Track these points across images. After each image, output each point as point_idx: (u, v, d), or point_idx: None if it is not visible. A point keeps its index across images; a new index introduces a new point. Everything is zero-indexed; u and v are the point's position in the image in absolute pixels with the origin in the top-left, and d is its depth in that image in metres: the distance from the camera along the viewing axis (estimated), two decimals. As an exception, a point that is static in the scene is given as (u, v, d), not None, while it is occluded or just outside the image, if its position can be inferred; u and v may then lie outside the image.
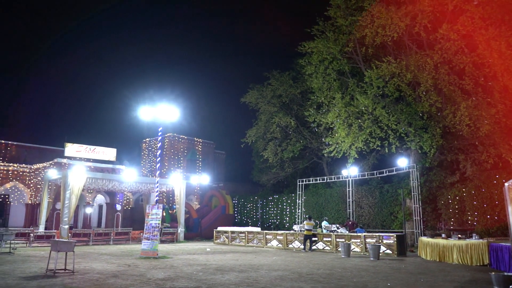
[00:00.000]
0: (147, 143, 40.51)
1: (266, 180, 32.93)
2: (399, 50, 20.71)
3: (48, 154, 35.90)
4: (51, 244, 10.59)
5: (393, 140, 19.92)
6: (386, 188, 23.51)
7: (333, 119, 21.30)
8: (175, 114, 18.04)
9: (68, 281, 9.12)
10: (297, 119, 28.96)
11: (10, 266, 11.57)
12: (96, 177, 24.47)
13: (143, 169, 39.38)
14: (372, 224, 23.62)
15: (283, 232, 21.53)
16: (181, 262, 13.43)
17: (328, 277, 10.25)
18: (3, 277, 9.46)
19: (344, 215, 24.90)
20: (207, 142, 41.30)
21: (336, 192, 26.41)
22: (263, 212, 32.51)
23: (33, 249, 18.06)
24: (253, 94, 29.96)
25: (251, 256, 16.05)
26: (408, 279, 10.15)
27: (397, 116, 19.18)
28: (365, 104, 19.56)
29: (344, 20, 20.33)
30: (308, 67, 22.58)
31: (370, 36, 19.27)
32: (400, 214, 21.73)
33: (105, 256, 15.22)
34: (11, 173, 30.81)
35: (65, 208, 21.91)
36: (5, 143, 34.38)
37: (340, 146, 21.43)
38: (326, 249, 19.00)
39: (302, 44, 22.32)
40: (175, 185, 27.47)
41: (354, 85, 20.61)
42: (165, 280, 9.42)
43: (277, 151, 29.36)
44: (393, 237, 16.95)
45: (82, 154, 32.21)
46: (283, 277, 10.25)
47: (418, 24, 18.09)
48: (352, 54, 21.76)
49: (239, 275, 10.41)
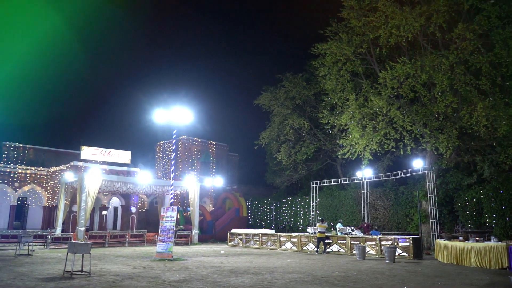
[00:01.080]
0: (161, 145, 40.82)
1: (279, 182, 32.88)
2: (414, 51, 20.50)
3: (64, 157, 36.43)
4: (68, 246, 10.73)
5: (408, 141, 19.70)
6: (402, 190, 23.26)
7: (347, 120, 21.16)
8: (189, 117, 18.15)
9: (85, 283, 9.23)
10: (311, 121, 28.87)
11: (29, 268, 11.77)
12: (111, 179, 24.75)
13: (157, 171, 39.68)
14: (387, 227, 23.38)
15: (297, 235, 21.45)
16: (196, 264, 13.48)
17: (343, 280, 10.17)
18: (22, 279, 9.62)
19: (359, 217, 24.70)
20: (221, 144, 41.43)
21: (351, 194, 26.22)
22: (277, 215, 32.44)
23: (50, 251, 18.33)
24: (266, 96, 29.98)
25: (265, 259, 16.03)
26: (425, 282, 10.01)
27: (412, 117, 18.96)
28: (379, 105, 19.39)
29: (357, 21, 20.21)
30: (322, 69, 22.49)
31: (384, 37, 19.11)
32: (415, 216, 21.46)
33: (120, 258, 15.36)
34: (29, 176, 31.36)
35: (82, 211, 22.20)
36: (23, 147, 35.02)
37: (354, 148, 21.28)
38: (340, 251, 18.86)
39: (315, 45, 22.26)
40: (189, 187, 27.60)
41: (368, 86, 20.45)
42: (180, 282, 9.46)
43: (290, 153, 29.29)
44: (409, 240, 16.74)
45: (97, 157, 32.60)
46: (297, 279, 10.21)
47: (433, 24, 17.88)
48: (365, 55, 21.62)
49: (253, 278, 10.40)
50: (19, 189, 30.75)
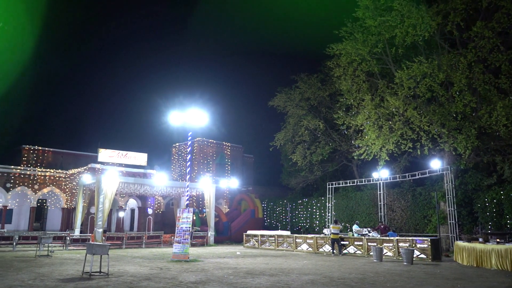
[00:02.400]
0: (176, 147, 41.12)
1: (295, 183, 32.77)
2: (431, 50, 20.23)
3: (82, 159, 37.02)
4: (87, 247, 10.89)
5: (425, 141, 19.43)
6: (419, 191, 22.95)
7: (363, 121, 21.00)
8: (204, 119, 18.25)
9: (103, 283, 9.34)
10: (326, 121, 28.72)
11: (49, 269, 11.97)
12: (128, 181, 25.03)
13: (173, 173, 39.98)
14: (404, 228, 23.09)
15: (313, 236, 21.35)
16: (212, 266, 13.53)
17: (360, 282, 10.08)
18: (42, 279, 9.80)
19: (376, 218, 24.45)
20: (236, 146, 41.53)
21: (367, 195, 25.99)
22: (292, 216, 32.35)
23: (69, 252, 18.62)
24: (281, 97, 29.95)
25: (281, 260, 15.99)
26: (444, 284, 9.85)
27: (430, 117, 18.70)
28: (395, 106, 19.19)
29: (373, 20, 20.03)
30: (337, 69, 22.37)
31: (400, 36, 18.91)
32: (434, 218, 21.15)
33: (137, 259, 15.52)
34: (48, 178, 31.94)
35: (99, 212, 22.50)
36: (42, 150, 35.70)
37: (371, 149, 21.09)
38: (357, 253, 18.69)
39: (330, 46, 22.15)
40: (205, 189, 27.73)
41: (384, 86, 20.26)
42: (197, 283, 9.50)
43: (306, 154, 29.18)
44: (427, 241, 16.48)
45: (114, 159, 33.00)
46: (314, 281, 10.15)
47: (451, 23, 17.63)
48: (381, 55, 21.41)
49: (269, 279, 10.38)
50: (39, 191, 31.36)
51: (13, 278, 9.84)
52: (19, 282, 9.25)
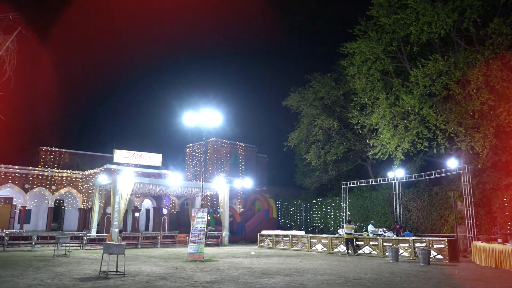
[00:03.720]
0: (190, 148, 41.35)
1: (309, 183, 32.65)
2: (447, 47, 19.94)
3: (98, 160, 37.53)
4: (104, 247, 11.02)
5: (441, 140, 19.16)
6: (435, 191, 22.63)
7: (378, 120, 20.80)
8: (218, 119, 18.33)
9: (120, 283, 9.44)
10: (340, 121, 28.54)
11: (66, 268, 12.16)
12: (143, 182, 25.26)
13: (187, 173, 40.21)
14: (420, 228, 22.79)
15: (328, 236, 21.24)
16: (227, 265, 13.56)
17: (376, 282, 9.98)
18: (61, 278, 9.95)
19: (391, 218, 24.20)
20: (249, 146, 41.57)
21: (382, 195, 25.74)
22: (306, 216, 32.24)
23: (86, 252, 18.88)
24: (294, 97, 29.86)
25: (296, 260, 15.95)
26: (462, 285, 9.70)
27: (446, 115, 18.43)
28: (411, 104, 18.96)
29: (387, 18, 19.83)
30: (351, 68, 22.21)
31: (415, 34, 18.68)
32: (451, 218, 20.83)
33: (153, 259, 15.64)
34: (65, 179, 32.44)
35: (115, 212, 22.75)
36: (59, 151, 36.30)
37: (386, 148, 20.89)
38: (373, 253, 18.53)
39: (343, 45, 22.02)
40: (219, 189, 27.82)
41: (399, 85, 20.04)
42: (212, 283, 9.54)
43: (320, 154, 29.04)
44: (444, 242, 16.25)
45: (130, 160, 33.35)
46: (329, 281, 10.10)
47: (467, 19, 17.35)
48: (396, 53, 21.19)
49: (284, 279, 10.36)
50: (56, 192, 31.88)
51: (33, 277, 10.02)
52: (38, 281, 9.41)
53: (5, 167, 29.61)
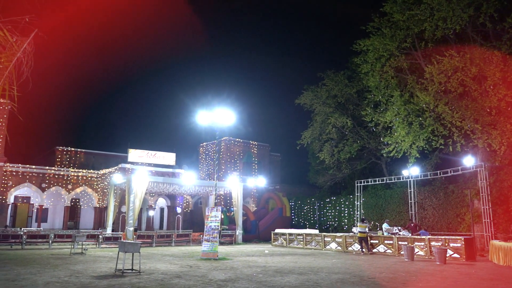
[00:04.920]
0: (204, 147, 41.53)
1: (322, 181, 32.52)
2: (462, 43, 19.63)
3: (113, 160, 37.96)
4: (119, 245, 11.14)
5: (457, 138, 18.88)
6: (451, 189, 22.31)
7: (392, 117, 20.61)
8: (231, 118, 18.35)
9: (136, 280, 9.54)
10: (354, 119, 28.34)
11: (83, 266, 12.33)
12: (157, 181, 25.46)
13: (200, 172, 40.40)
14: (436, 227, 22.51)
15: (342, 235, 21.12)
16: (241, 264, 13.59)
17: (391, 281, 9.89)
18: (77, 276, 10.10)
19: (406, 217, 23.96)
20: (263, 144, 41.56)
21: (397, 193, 25.48)
22: (320, 214, 32.12)
23: (102, 250, 19.11)
24: (307, 95, 29.75)
25: (310, 259, 15.90)
26: (480, 285, 9.54)
27: (462, 112, 18.16)
28: (426, 101, 18.74)
29: (401, 15, 19.61)
30: (364, 66, 22.04)
31: (429, 30, 18.46)
32: (467, 216, 20.53)
33: (168, 257, 15.76)
34: (81, 178, 32.89)
35: (130, 211, 22.98)
36: (74, 151, 36.81)
37: (400, 146, 20.69)
38: (387, 252, 18.37)
39: (357, 42, 21.86)
40: (232, 187, 27.89)
41: (414, 82, 19.81)
42: (226, 281, 9.57)
43: (333, 152, 28.89)
44: (461, 240, 16.01)
45: (144, 159, 33.64)
46: (344, 280, 10.04)
47: (483, 14, 17.06)
48: (410, 50, 20.95)
49: (299, 278, 10.34)
50: (72, 191, 32.34)
51: (50, 275, 10.19)
52: (56, 279, 9.57)
53: (22, 167, 30.15)
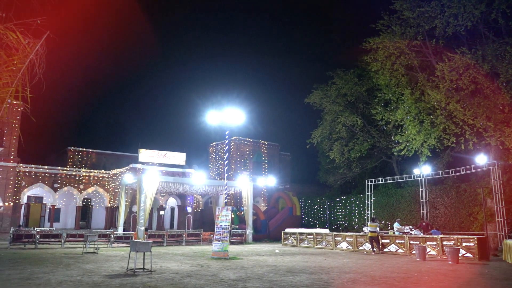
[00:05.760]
0: (213, 146, 41.62)
1: (333, 181, 32.38)
2: (474, 40, 19.41)
3: (124, 160, 38.24)
4: (131, 245, 11.22)
5: (470, 136, 18.66)
6: (464, 188, 22.06)
7: (403, 116, 20.45)
8: (241, 117, 18.35)
9: (147, 280, 9.60)
10: (364, 117, 28.16)
11: (95, 265, 12.45)
12: (168, 181, 25.59)
13: (211, 172, 40.50)
14: (448, 226, 22.28)
15: (353, 234, 21.01)
16: (251, 263, 13.60)
17: (403, 281, 9.81)
18: (90, 275, 10.20)
19: (417, 216, 23.75)
20: (272, 144, 41.52)
21: (408, 192, 25.27)
22: (330, 214, 31.99)
23: (113, 249, 19.28)
24: (317, 94, 29.63)
25: (321, 258, 15.85)
26: (493, 285, 9.43)
27: (474, 110, 17.94)
28: (437, 99, 18.55)
29: (411, 12, 19.44)
30: (374, 64, 21.89)
31: (440, 27, 18.27)
32: (480, 215, 20.28)
33: (178, 257, 15.84)
34: (92, 178, 33.19)
35: (141, 211, 23.13)
36: (86, 151, 37.16)
37: (411, 144, 20.52)
38: (399, 251, 18.24)
39: (366, 40, 21.71)
40: (242, 187, 27.91)
41: (424, 80, 19.63)
42: (237, 281, 9.58)
43: (343, 151, 28.75)
44: (474, 240, 15.82)
45: (154, 159, 33.81)
46: (355, 280, 9.99)
47: (495, 10, 16.83)
48: (421, 48, 20.75)
49: (310, 277, 10.31)
50: (84, 191, 32.65)
51: (63, 274, 10.30)
52: (68, 278, 9.67)
53: (35, 167, 30.51)
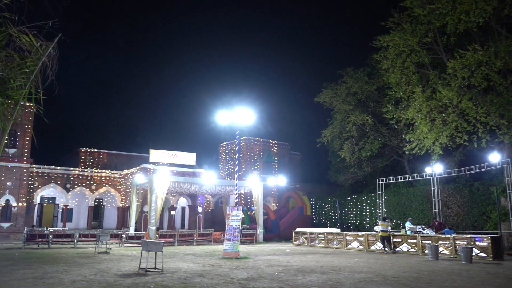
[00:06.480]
0: (224, 146, 41.70)
1: (343, 180, 32.22)
2: (486, 36, 19.15)
3: (135, 160, 38.48)
4: (142, 245, 11.31)
5: (482, 134, 18.42)
6: (477, 186, 21.79)
7: (414, 114, 20.26)
8: (251, 117, 18.34)
9: (159, 279, 9.66)
10: (374, 116, 27.97)
11: (107, 265, 12.56)
12: (178, 181, 25.71)
13: (221, 171, 40.59)
14: (461, 225, 22.04)
15: (364, 233, 20.89)
16: (262, 263, 13.60)
17: (415, 281, 9.73)
18: (102, 275, 10.29)
19: (430, 215, 23.53)
20: (282, 143, 41.47)
21: (420, 191, 25.04)
22: (341, 213, 31.85)
23: (125, 249, 19.43)
24: (327, 93, 29.50)
25: (332, 258, 15.79)
26: (507, 285, 9.30)
27: (487, 107, 17.70)
28: (449, 97, 18.33)
29: (421, 9, 19.24)
30: (384, 62, 21.71)
31: (452, 24, 18.04)
32: (494, 214, 20.02)
33: (190, 256, 15.91)
34: (104, 179, 33.50)
35: (152, 211, 23.28)
36: (97, 152, 37.48)
37: (423, 143, 20.31)
38: (411, 251, 18.08)
39: (376, 38, 21.56)
40: (253, 187, 27.93)
41: (436, 77, 19.42)
42: (248, 280, 9.59)
43: (354, 150, 28.59)
44: (487, 239, 15.63)
45: (165, 159, 34.00)
46: (367, 279, 9.93)
47: (508, 6, 16.57)
48: (432, 45, 20.53)
49: (321, 277, 10.28)
50: (96, 191, 32.97)
51: (76, 273, 10.41)
52: (81, 277, 9.77)
53: (48, 168, 30.89)
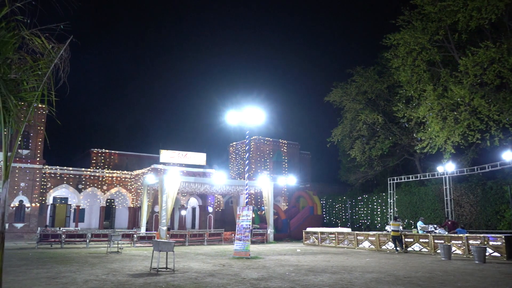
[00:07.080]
0: (233, 146, 41.75)
1: (354, 179, 32.06)
2: (498, 33, 18.91)
3: (145, 160, 38.73)
4: (153, 245, 11.38)
5: (495, 132, 18.19)
6: (490, 185, 21.52)
7: (425, 113, 20.08)
8: (261, 117, 18.33)
9: (170, 279, 9.71)
10: (385, 115, 27.79)
11: (119, 264, 12.66)
12: (189, 181, 25.80)
13: (231, 171, 40.64)
14: (474, 224, 21.78)
15: (375, 233, 20.76)
16: (273, 263, 13.59)
17: (428, 281, 9.64)
18: (114, 274, 10.38)
19: (442, 214, 23.29)
20: (292, 143, 41.37)
21: (431, 190, 24.80)
22: (352, 213, 31.69)
23: (136, 249, 19.57)
24: (337, 92, 29.38)
25: (343, 258, 15.72)
26: (522, 285, 9.16)
27: (499, 105, 17.47)
28: (461, 95, 18.14)
29: (432, 6, 19.06)
30: (395, 60, 21.56)
31: (463, 21, 17.84)
32: (507, 213, 19.75)
33: (201, 256, 15.96)
34: (115, 179, 33.76)
35: (163, 211, 23.40)
36: (109, 152, 37.79)
37: (434, 141, 20.13)
38: (423, 250, 17.92)
39: (387, 36, 21.42)
40: (263, 186, 27.92)
41: (447, 75, 19.22)
42: (259, 280, 9.59)
43: (364, 149, 28.43)
44: (501, 238, 15.41)
45: (175, 160, 34.15)
46: (378, 279, 9.87)
47: (521, 2, 16.35)
48: (443, 43, 20.34)
49: (332, 277, 10.24)
50: (107, 192, 33.25)
51: (89, 273, 10.52)
52: (94, 277, 9.87)
53: (60, 168, 31.23)
